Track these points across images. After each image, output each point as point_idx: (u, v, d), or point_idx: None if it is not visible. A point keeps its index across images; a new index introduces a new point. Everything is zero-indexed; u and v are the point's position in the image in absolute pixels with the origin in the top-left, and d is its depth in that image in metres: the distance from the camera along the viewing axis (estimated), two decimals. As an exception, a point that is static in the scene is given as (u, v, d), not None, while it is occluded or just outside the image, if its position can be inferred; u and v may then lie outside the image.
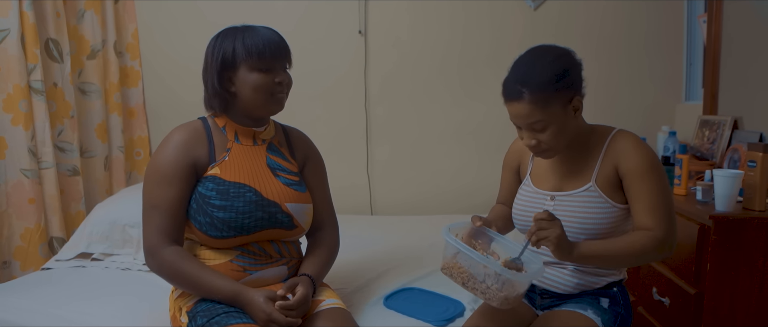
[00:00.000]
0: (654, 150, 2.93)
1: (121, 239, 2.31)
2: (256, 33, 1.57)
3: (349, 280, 2.04)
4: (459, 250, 1.41)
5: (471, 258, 1.39)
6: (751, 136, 2.36)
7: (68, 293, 1.94)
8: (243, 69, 1.56)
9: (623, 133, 1.53)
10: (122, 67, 3.19)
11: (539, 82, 1.41)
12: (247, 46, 1.55)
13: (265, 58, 1.56)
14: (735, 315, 1.91)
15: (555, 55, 1.46)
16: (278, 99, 1.62)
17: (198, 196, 1.57)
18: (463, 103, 3.20)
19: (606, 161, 1.50)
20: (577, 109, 1.48)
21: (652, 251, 1.41)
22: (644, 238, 1.41)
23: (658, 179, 1.44)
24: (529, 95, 1.41)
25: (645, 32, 3.14)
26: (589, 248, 1.41)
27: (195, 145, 1.60)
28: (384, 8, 3.15)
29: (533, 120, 1.43)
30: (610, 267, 1.52)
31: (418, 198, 3.28)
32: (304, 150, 1.80)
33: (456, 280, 1.45)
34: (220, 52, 1.56)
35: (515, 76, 1.45)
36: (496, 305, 1.40)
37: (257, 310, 1.45)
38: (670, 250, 1.44)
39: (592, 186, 1.50)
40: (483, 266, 1.38)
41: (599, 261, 1.46)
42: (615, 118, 3.13)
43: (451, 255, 1.46)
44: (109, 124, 3.11)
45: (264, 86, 1.57)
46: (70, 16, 2.93)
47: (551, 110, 1.42)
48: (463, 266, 1.43)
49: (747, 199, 1.96)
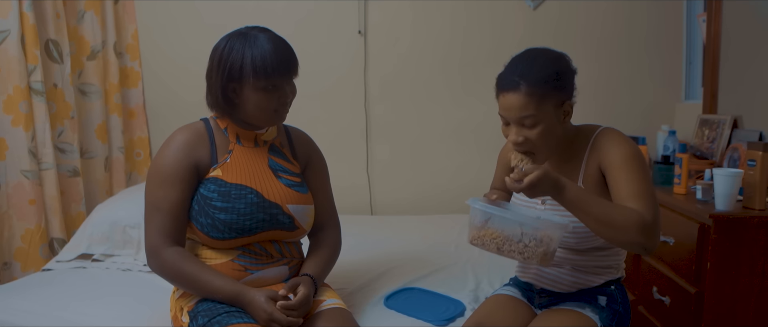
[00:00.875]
0: (654, 149, 2.96)
1: (122, 240, 2.31)
2: (264, 48, 1.51)
3: (349, 280, 2.05)
4: (491, 214, 1.40)
5: (505, 219, 1.38)
6: (751, 135, 2.36)
7: (69, 294, 1.94)
8: (248, 87, 1.53)
9: (606, 130, 1.51)
10: (122, 67, 3.19)
11: (538, 76, 1.40)
12: (255, 64, 1.50)
13: (272, 77, 1.53)
14: (735, 314, 1.91)
15: (553, 56, 1.46)
16: (280, 114, 1.62)
17: (200, 198, 1.57)
18: (463, 102, 3.20)
19: (590, 161, 1.50)
20: (568, 113, 1.47)
21: (634, 230, 1.31)
22: (632, 214, 1.32)
23: (638, 167, 1.41)
24: (526, 87, 1.40)
25: (644, 32, 3.14)
26: (576, 191, 1.34)
27: (197, 146, 1.60)
28: (383, 8, 3.16)
29: (525, 114, 1.41)
30: (586, 222, 1.38)
31: (418, 198, 3.29)
32: (306, 151, 1.80)
33: (489, 247, 1.42)
34: (228, 65, 1.52)
35: (513, 69, 1.44)
36: (536, 263, 1.39)
37: (258, 309, 1.45)
38: (654, 241, 1.35)
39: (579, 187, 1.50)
40: (519, 224, 1.37)
41: (584, 205, 1.34)
42: (615, 117, 3.14)
43: (481, 223, 1.43)
44: (109, 124, 3.11)
45: (268, 105, 1.56)
46: (70, 16, 2.93)
47: (544, 108, 1.41)
48: (496, 231, 1.40)
49: (747, 198, 1.96)
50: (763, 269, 1.89)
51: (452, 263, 2.25)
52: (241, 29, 1.58)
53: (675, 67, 3.16)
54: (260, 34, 1.55)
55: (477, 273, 2.12)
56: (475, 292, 1.96)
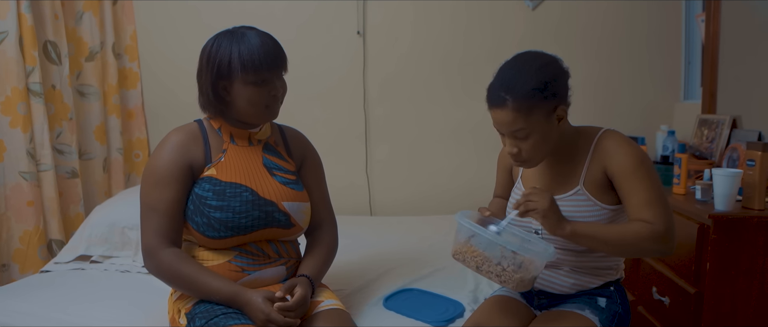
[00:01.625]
0: (653, 149, 2.96)
1: (121, 241, 2.31)
2: (251, 43, 1.53)
3: (348, 281, 2.04)
4: (474, 232, 1.40)
5: (487, 240, 1.39)
6: (750, 134, 2.35)
7: (67, 296, 1.94)
8: (238, 82, 1.54)
9: (609, 132, 1.51)
10: (121, 68, 3.19)
11: (523, 90, 1.39)
12: (243, 59, 1.52)
13: (261, 71, 1.54)
14: (735, 314, 1.91)
15: (541, 63, 1.44)
16: (272, 110, 1.62)
17: (195, 197, 1.57)
18: (462, 102, 3.20)
19: (593, 163, 1.49)
20: (561, 118, 1.46)
21: (649, 242, 1.36)
22: (641, 228, 1.37)
23: (647, 174, 1.42)
24: (512, 103, 1.39)
25: (644, 32, 3.14)
26: (583, 227, 1.39)
27: (191, 146, 1.61)
28: (382, 9, 3.16)
29: (516, 128, 1.41)
30: (603, 251, 1.48)
31: (417, 198, 3.28)
32: (301, 149, 1.80)
33: (469, 264, 1.43)
34: (216, 63, 1.54)
35: (500, 82, 1.43)
36: (512, 287, 1.40)
37: (256, 310, 1.45)
38: (670, 245, 1.39)
39: (581, 189, 1.49)
40: (500, 247, 1.38)
41: (592, 241, 1.41)
42: (614, 117, 3.14)
43: (465, 239, 1.44)
44: (107, 125, 3.11)
45: (259, 100, 1.57)
46: (69, 18, 2.93)
47: (534, 119, 1.41)
48: (478, 249, 1.41)
49: (746, 198, 1.95)
50: (763, 269, 1.88)
51: (451, 264, 2.22)
52: (229, 29, 1.60)
53: (674, 67, 3.16)
54: (247, 31, 1.57)
55: (476, 274, 2.11)
56: (475, 292, 1.96)
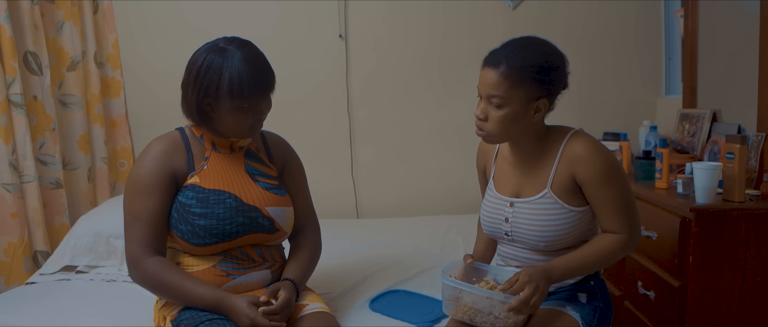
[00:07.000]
0: (636, 144, 2.98)
1: (106, 251, 2.29)
2: (241, 68, 1.50)
3: (335, 284, 2.05)
4: (460, 289, 1.46)
5: (473, 294, 1.44)
6: (730, 128, 2.38)
7: (54, 307, 1.93)
8: (224, 105, 1.53)
9: (577, 136, 1.51)
10: (103, 78, 3.17)
11: (520, 62, 1.41)
12: (232, 85, 1.49)
13: (250, 98, 1.53)
14: (718, 306, 1.93)
15: (549, 50, 1.47)
16: (255, 129, 1.62)
17: (178, 205, 1.57)
18: (446, 103, 3.21)
19: (561, 167, 1.50)
20: (539, 110, 1.47)
21: (620, 252, 1.50)
22: (612, 244, 1.48)
23: (616, 183, 1.46)
24: (504, 68, 1.41)
25: (624, 28, 3.17)
26: (564, 269, 1.46)
27: (173, 155, 1.60)
28: (364, 11, 3.16)
29: (495, 93, 1.43)
30: (584, 274, 1.55)
31: (404, 200, 3.29)
32: (282, 154, 1.80)
33: (464, 318, 1.49)
34: (204, 82, 1.51)
35: (503, 48, 1.46)
36: None
37: (241, 315, 1.45)
38: (635, 245, 1.52)
39: (548, 193, 1.50)
40: (487, 299, 1.42)
41: (577, 273, 1.51)
42: (597, 114, 3.17)
43: (452, 297, 1.49)
44: (91, 135, 3.09)
45: (244, 122, 1.57)
46: (49, 28, 2.91)
47: (515, 93, 1.42)
48: (467, 303, 1.46)
49: (727, 191, 1.98)
50: (744, 261, 1.91)
51: (438, 264, 2.24)
52: (220, 43, 1.55)
53: (655, 63, 3.19)
54: (237, 50, 1.52)
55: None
56: (460, 292, 1.96)
